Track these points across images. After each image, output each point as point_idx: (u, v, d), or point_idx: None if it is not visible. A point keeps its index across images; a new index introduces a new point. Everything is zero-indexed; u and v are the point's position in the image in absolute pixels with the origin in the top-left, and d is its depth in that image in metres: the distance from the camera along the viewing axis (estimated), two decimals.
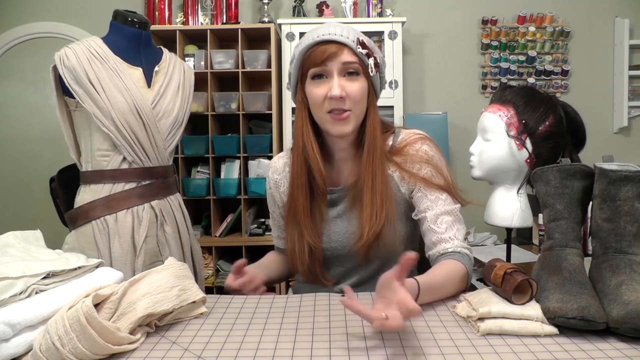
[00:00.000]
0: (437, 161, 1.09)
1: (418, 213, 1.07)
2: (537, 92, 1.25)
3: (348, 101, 1.02)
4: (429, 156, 1.08)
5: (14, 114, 3.31)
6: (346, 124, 1.03)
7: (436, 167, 1.07)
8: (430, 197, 1.06)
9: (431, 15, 3.18)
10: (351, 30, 1.04)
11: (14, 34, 3.21)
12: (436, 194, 1.06)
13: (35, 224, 1.22)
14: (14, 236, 0.96)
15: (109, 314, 0.76)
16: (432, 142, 1.12)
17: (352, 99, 1.02)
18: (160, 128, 1.41)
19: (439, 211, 1.04)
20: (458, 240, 1.02)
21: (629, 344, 0.74)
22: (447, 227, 1.03)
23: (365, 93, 1.05)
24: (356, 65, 1.02)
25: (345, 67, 1.02)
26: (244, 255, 2.82)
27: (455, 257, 0.99)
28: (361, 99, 1.04)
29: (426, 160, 1.07)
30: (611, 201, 0.86)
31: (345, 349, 0.75)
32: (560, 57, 3.16)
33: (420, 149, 1.09)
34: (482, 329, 0.79)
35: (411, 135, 1.12)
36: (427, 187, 1.06)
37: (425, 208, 1.06)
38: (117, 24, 1.44)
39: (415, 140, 1.10)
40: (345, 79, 1.02)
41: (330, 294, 1.00)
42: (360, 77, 1.03)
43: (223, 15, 3.02)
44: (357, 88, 1.02)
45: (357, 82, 1.03)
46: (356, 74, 1.03)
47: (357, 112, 1.04)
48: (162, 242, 1.43)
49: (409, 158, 1.08)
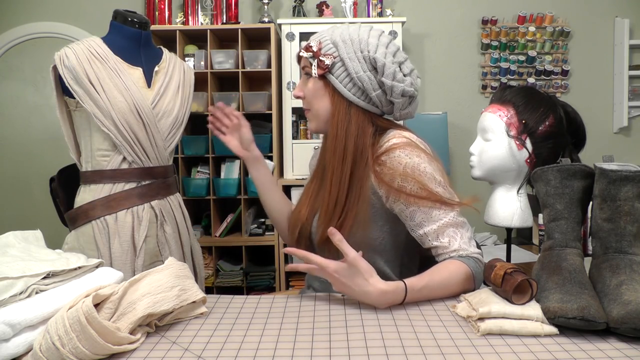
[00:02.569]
0: (420, 175, 1.01)
1: (415, 229, 1.04)
2: (537, 92, 1.25)
3: (304, 101, 1.14)
4: (408, 167, 1.01)
5: (14, 114, 3.31)
6: (309, 122, 1.16)
7: (419, 182, 1.00)
8: (423, 210, 1.01)
9: (431, 15, 3.18)
10: (320, 34, 1.11)
11: (13, 34, 3.21)
12: (426, 207, 1.01)
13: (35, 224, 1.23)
14: (14, 236, 0.96)
15: (109, 314, 0.76)
16: (413, 147, 1.04)
17: (306, 98, 1.14)
18: (160, 128, 1.41)
19: (437, 227, 1.01)
20: (464, 249, 1.00)
21: (629, 344, 0.74)
22: (450, 240, 1.00)
23: (319, 93, 1.10)
24: (307, 68, 1.11)
25: (303, 70, 1.14)
26: (244, 255, 2.82)
27: (457, 259, 0.99)
28: (312, 99, 1.11)
29: (403, 174, 1.01)
30: (611, 201, 0.86)
31: (346, 348, 0.75)
32: (560, 57, 3.16)
33: (399, 160, 1.02)
34: (482, 329, 0.79)
35: (390, 139, 1.06)
36: (413, 203, 1.01)
37: (421, 223, 1.02)
38: (117, 24, 1.44)
39: (391, 147, 1.04)
40: (306, 81, 1.13)
41: (331, 294, 1.00)
42: (312, 79, 1.11)
43: (223, 15, 3.02)
44: (308, 88, 1.12)
45: (310, 83, 1.12)
46: (309, 75, 1.11)
47: (314, 111, 1.12)
48: (162, 242, 1.43)
49: (386, 169, 1.03)
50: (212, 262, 2.82)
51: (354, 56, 1.06)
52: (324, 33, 1.11)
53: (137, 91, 1.36)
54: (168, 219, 1.45)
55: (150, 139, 1.39)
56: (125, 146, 1.35)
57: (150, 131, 1.38)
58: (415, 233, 1.04)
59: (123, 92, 1.34)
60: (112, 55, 1.38)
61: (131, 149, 1.36)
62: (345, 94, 1.08)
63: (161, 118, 1.42)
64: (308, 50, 1.09)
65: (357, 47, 1.06)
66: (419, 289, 0.91)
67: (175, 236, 1.47)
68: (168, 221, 1.44)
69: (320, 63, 1.07)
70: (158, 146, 1.41)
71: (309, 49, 1.09)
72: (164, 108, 1.43)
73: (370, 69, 1.06)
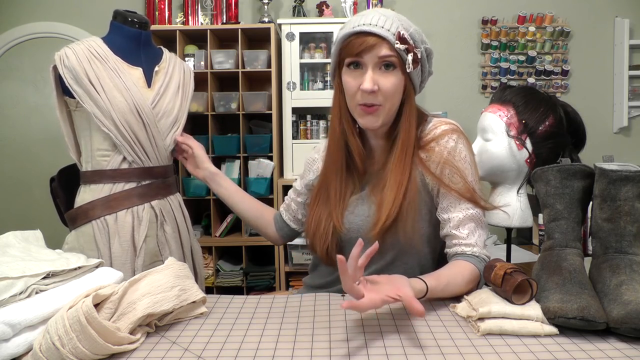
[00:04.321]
0: (460, 161, 1.03)
1: (440, 212, 1.05)
2: (537, 92, 1.25)
3: (380, 96, 1.00)
4: (452, 155, 1.03)
5: (14, 114, 3.31)
6: (374, 118, 1.02)
7: (457, 170, 1.02)
8: (454, 195, 1.02)
9: (431, 15, 3.18)
10: (395, 20, 1.00)
11: (14, 34, 3.21)
12: (456, 196, 1.03)
13: (35, 224, 1.23)
14: (14, 236, 0.96)
15: (109, 314, 0.76)
16: (461, 134, 1.05)
17: (384, 93, 1.00)
18: (160, 128, 1.41)
19: (462, 216, 1.02)
20: (478, 247, 1.01)
21: (629, 344, 0.74)
22: (468, 233, 1.01)
23: (400, 88, 1.02)
24: (393, 59, 0.99)
25: (381, 60, 0.99)
26: (244, 255, 2.82)
27: (470, 260, 0.99)
28: (393, 94, 1.01)
29: (445, 161, 1.02)
30: (611, 201, 0.86)
31: (345, 348, 0.75)
32: (560, 57, 3.16)
33: (446, 145, 1.03)
34: (482, 329, 0.79)
35: (438, 126, 1.06)
36: (447, 190, 1.03)
37: (448, 207, 1.03)
38: (117, 24, 1.44)
39: (441, 134, 1.04)
40: (380, 72, 1.00)
41: (331, 294, 1.00)
42: (396, 72, 1.00)
43: (223, 15, 3.02)
44: (391, 83, 1.00)
45: (392, 76, 1.00)
46: (392, 67, 1.00)
47: (387, 106, 1.02)
48: (162, 242, 1.43)
49: (433, 156, 1.04)
50: (212, 262, 2.82)
51: (423, 51, 1.05)
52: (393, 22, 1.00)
53: (137, 91, 1.36)
54: (168, 219, 1.45)
55: (150, 139, 1.39)
56: (125, 146, 1.35)
57: (150, 131, 1.38)
58: (440, 215, 1.05)
59: (123, 92, 1.34)
60: (112, 55, 1.38)
61: (131, 149, 1.36)
62: (416, 89, 1.07)
63: (161, 118, 1.42)
64: (403, 42, 0.98)
65: (421, 39, 1.04)
66: (434, 293, 0.90)
67: (175, 236, 1.47)
68: (168, 221, 1.44)
69: (415, 57, 1.00)
70: (158, 146, 1.41)
71: (404, 41, 0.98)
72: (164, 108, 1.43)
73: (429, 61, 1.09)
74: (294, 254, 2.75)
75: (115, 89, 1.33)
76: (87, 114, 1.34)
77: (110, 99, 1.32)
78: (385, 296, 0.77)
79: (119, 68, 1.36)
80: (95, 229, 1.34)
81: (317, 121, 2.89)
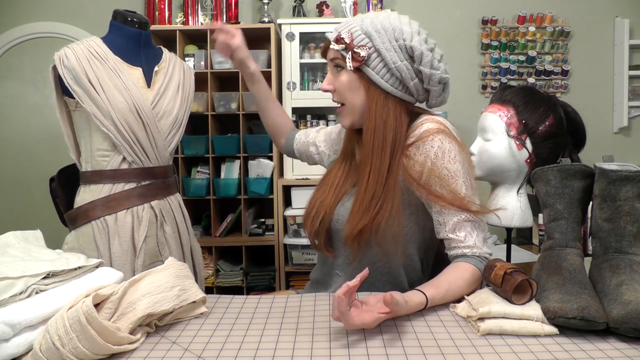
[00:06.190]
0: (450, 161, 1.00)
1: (433, 214, 1.03)
2: (537, 92, 1.25)
3: (336, 94, 1.08)
4: (439, 159, 1.00)
5: (14, 114, 3.31)
6: (343, 117, 1.10)
7: (443, 179, 0.99)
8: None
9: (431, 15, 3.18)
10: (348, 24, 1.05)
11: (13, 34, 3.21)
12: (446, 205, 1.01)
13: (35, 224, 1.22)
14: (14, 236, 0.96)
15: (109, 314, 0.76)
16: (446, 134, 1.02)
17: (339, 92, 1.08)
18: (160, 128, 1.41)
19: (456, 220, 1.00)
20: (478, 248, 1.00)
21: (629, 344, 0.74)
22: (466, 235, 1.00)
23: (354, 87, 1.04)
24: (338, 60, 1.05)
25: (332, 62, 1.07)
26: (244, 255, 2.82)
27: (471, 261, 0.99)
28: (345, 93, 1.06)
29: (430, 170, 1.00)
30: (611, 201, 0.86)
31: (346, 348, 0.75)
32: (560, 57, 3.16)
33: (430, 149, 1.01)
34: (482, 329, 0.79)
35: (425, 122, 1.04)
36: (435, 202, 1.01)
37: (441, 210, 1.01)
38: (117, 24, 1.44)
39: (424, 135, 1.02)
40: (336, 73, 1.07)
41: (331, 294, 1.00)
42: (344, 71, 1.05)
43: (223, 15, 3.02)
44: (340, 82, 1.06)
45: (341, 76, 1.06)
46: (341, 67, 1.06)
47: (349, 106, 1.07)
48: (162, 242, 1.43)
49: (416, 165, 1.02)
50: (212, 262, 2.82)
51: (389, 46, 1.02)
52: (352, 23, 1.04)
53: (137, 91, 1.36)
54: (168, 219, 1.45)
55: (150, 139, 1.39)
56: (125, 146, 1.35)
57: (150, 131, 1.38)
58: (433, 216, 1.04)
59: (123, 92, 1.34)
60: (112, 55, 1.38)
61: (131, 149, 1.36)
62: (382, 86, 1.03)
63: (161, 118, 1.42)
64: (339, 42, 1.02)
65: (392, 36, 1.02)
66: (435, 301, 0.91)
67: (175, 236, 1.47)
68: (168, 221, 1.44)
69: (355, 55, 1.01)
70: (158, 146, 1.41)
71: (340, 41, 1.02)
72: (163, 108, 1.43)
73: (407, 58, 1.03)
74: (294, 254, 2.75)
75: (115, 89, 1.33)
76: (86, 114, 1.34)
77: (109, 99, 1.32)
78: (377, 314, 0.80)
79: (118, 68, 1.36)
80: (95, 229, 1.34)
81: (317, 121, 2.88)
